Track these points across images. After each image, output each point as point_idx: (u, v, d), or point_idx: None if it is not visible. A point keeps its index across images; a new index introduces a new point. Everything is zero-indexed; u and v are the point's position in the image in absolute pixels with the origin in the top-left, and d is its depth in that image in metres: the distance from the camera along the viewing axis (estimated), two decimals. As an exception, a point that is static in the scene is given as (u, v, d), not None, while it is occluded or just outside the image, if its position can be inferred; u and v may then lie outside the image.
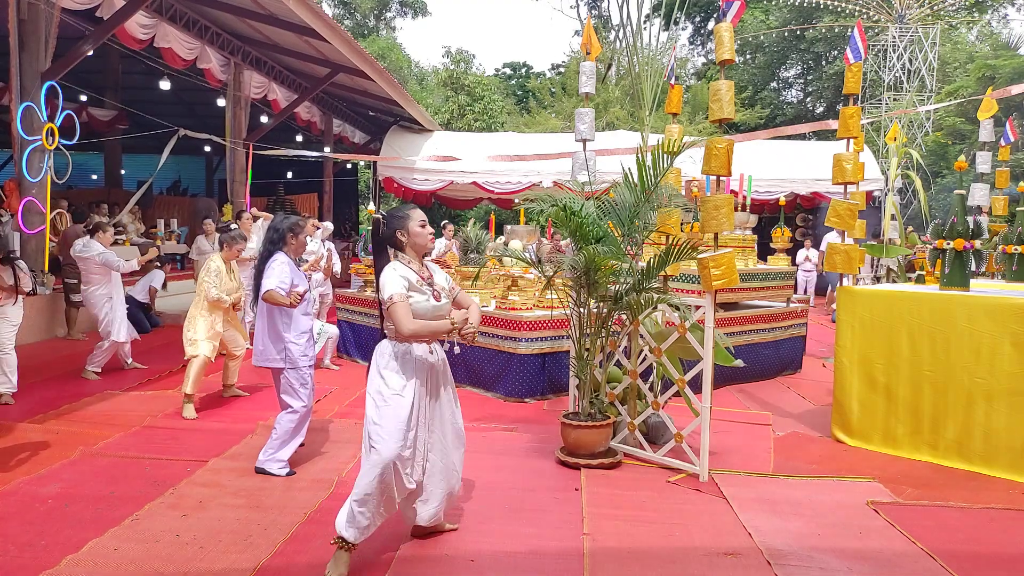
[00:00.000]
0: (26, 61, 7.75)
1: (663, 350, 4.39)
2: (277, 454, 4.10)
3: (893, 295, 4.91)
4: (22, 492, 3.72)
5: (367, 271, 7.75)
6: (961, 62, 21.05)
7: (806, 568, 3.12)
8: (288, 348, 4.16)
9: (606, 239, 4.32)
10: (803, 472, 4.43)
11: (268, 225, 4.43)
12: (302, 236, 4.42)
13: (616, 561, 3.15)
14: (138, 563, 2.98)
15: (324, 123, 16.10)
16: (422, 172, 13.97)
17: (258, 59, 12.61)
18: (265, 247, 4.32)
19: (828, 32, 21.08)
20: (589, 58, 5.96)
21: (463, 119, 21.46)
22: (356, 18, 29.19)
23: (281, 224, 4.34)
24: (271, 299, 4.12)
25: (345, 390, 6.29)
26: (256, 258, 4.44)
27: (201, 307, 5.42)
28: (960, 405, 4.54)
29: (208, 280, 5.38)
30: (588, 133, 5.95)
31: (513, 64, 32.46)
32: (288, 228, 4.31)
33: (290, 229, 4.32)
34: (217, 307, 5.42)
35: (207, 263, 5.52)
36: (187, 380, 5.26)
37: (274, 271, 4.16)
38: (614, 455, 4.47)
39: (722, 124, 4.45)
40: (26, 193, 7.58)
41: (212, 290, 5.34)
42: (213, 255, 5.59)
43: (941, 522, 3.67)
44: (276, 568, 2.99)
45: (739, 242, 7.16)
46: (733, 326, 6.72)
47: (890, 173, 7.90)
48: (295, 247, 4.35)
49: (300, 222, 4.42)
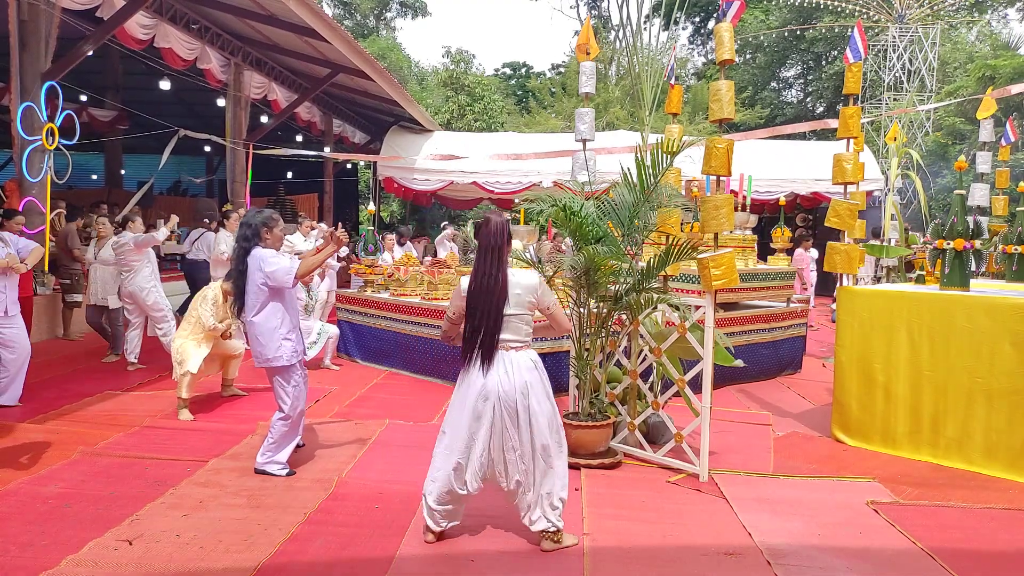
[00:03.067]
0: (26, 61, 7.75)
1: (663, 350, 4.39)
2: (275, 456, 4.09)
3: (893, 295, 4.91)
4: (22, 492, 3.72)
5: (367, 271, 7.75)
6: (961, 62, 21.04)
7: (806, 568, 3.12)
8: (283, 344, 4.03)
9: (606, 239, 4.32)
10: (803, 472, 4.43)
11: (240, 221, 4.13)
12: (277, 230, 4.10)
13: (616, 561, 3.15)
14: (138, 563, 2.98)
15: (324, 123, 16.10)
16: (422, 172, 13.97)
17: (258, 59, 12.61)
18: (239, 244, 4.03)
19: (828, 32, 21.08)
20: (588, 58, 5.96)
21: (463, 119, 21.45)
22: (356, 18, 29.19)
23: (254, 219, 4.03)
24: (306, 269, 3.89)
25: (345, 390, 6.29)
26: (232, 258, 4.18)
27: (192, 332, 5.37)
28: (960, 405, 4.54)
29: (205, 309, 5.35)
30: (588, 133, 5.95)
31: (513, 64, 32.46)
32: (262, 222, 4.02)
33: (264, 223, 4.02)
34: (211, 335, 5.42)
35: (204, 292, 5.50)
36: (180, 387, 5.26)
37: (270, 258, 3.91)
38: (614, 455, 4.47)
39: (722, 124, 4.45)
40: (26, 193, 7.58)
41: (209, 319, 5.33)
42: (212, 284, 5.59)
43: (941, 522, 3.67)
44: (276, 568, 3.00)
45: (739, 242, 7.16)
46: (733, 326, 6.72)
47: (890, 173, 7.91)
48: (271, 242, 4.05)
49: (274, 215, 4.12)
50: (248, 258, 4.00)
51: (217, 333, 5.40)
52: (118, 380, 6.34)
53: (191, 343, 5.34)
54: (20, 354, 5.29)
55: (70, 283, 8.14)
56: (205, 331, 5.36)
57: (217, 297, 5.47)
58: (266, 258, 3.96)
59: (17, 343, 5.27)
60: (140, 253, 6.76)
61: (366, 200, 24.16)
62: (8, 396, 5.29)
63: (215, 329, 5.35)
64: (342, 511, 3.61)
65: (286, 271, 3.94)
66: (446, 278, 7.09)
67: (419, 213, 21.02)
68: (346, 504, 3.70)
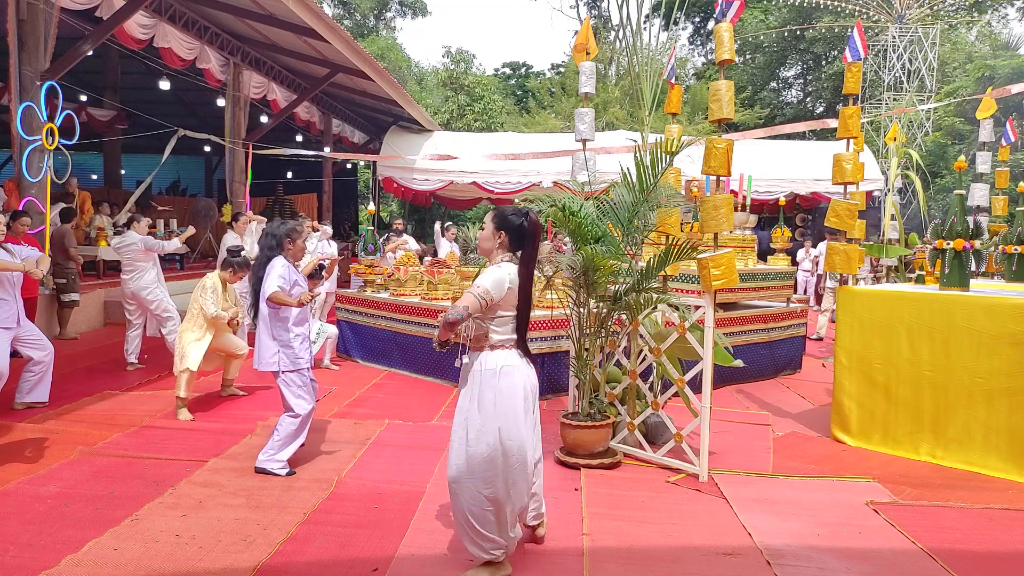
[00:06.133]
0: (26, 61, 7.75)
1: (662, 350, 4.39)
2: (277, 455, 4.10)
3: (893, 295, 4.91)
4: (22, 492, 3.72)
5: (367, 271, 7.75)
6: (960, 62, 21.05)
7: (805, 568, 3.12)
8: (284, 351, 4.13)
9: (605, 239, 4.32)
10: (802, 472, 4.43)
11: (264, 231, 4.33)
12: (300, 241, 4.31)
13: (616, 561, 3.15)
14: (138, 563, 2.98)
15: (323, 123, 16.10)
16: (422, 172, 13.97)
17: (257, 59, 12.61)
18: (263, 253, 4.23)
19: (828, 32, 21.08)
20: (588, 59, 5.96)
21: (463, 119, 21.45)
22: (356, 18, 29.15)
23: (278, 230, 4.24)
24: (277, 300, 4.05)
25: (345, 390, 6.29)
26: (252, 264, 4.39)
27: (194, 323, 5.36)
28: (959, 405, 4.54)
29: (206, 298, 5.34)
30: (588, 133, 5.95)
31: (513, 64, 32.44)
32: (285, 234, 4.22)
33: (287, 235, 4.22)
34: (213, 324, 5.40)
35: (203, 282, 5.48)
36: (178, 386, 5.25)
37: (273, 272, 4.11)
38: (614, 455, 4.47)
39: (721, 124, 4.45)
40: (26, 193, 7.58)
41: (211, 307, 5.31)
42: (209, 273, 5.59)
43: (940, 522, 3.67)
44: (276, 568, 2.99)
45: (739, 242, 7.16)
46: (733, 326, 6.72)
47: (890, 173, 7.91)
48: (293, 252, 4.26)
49: (297, 227, 4.29)
50: (268, 267, 4.16)
51: (223, 321, 5.38)
52: (117, 380, 6.34)
53: (191, 335, 5.33)
54: (48, 351, 5.31)
55: (66, 283, 8.13)
56: (207, 320, 5.34)
57: (216, 285, 5.44)
58: (270, 272, 4.13)
59: (41, 341, 5.29)
60: (147, 256, 6.76)
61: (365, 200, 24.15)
62: (38, 393, 5.30)
63: (219, 317, 5.34)
64: (341, 511, 3.60)
65: (264, 290, 4.10)
66: (446, 278, 7.08)
67: (419, 213, 21.02)
68: (345, 504, 3.70)
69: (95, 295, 9.21)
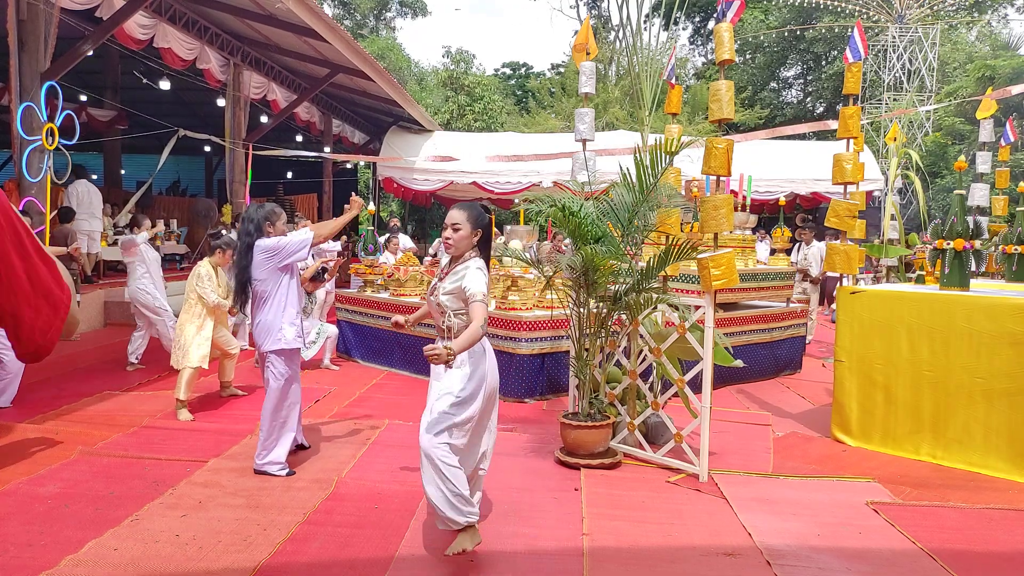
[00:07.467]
0: (26, 61, 7.75)
1: (662, 350, 4.38)
2: (271, 455, 4.07)
3: (893, 295, 4.91)
4: (22, 492, 3.72)
5: (367, 271, 7.75)
6: (961, 62, 21.06)
7: (805, 568, 3.12)
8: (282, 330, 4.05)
9: (605, 239, 4.32)
10: (803, 472, 4.43)
11: (242, 216, 4.16)
12: (280, 224, 4.10)
13: (616, 561, 3.15)
14: (138, 563, 2.98)
15: (324, 123, 16.10)
16: (422, 172, 13.98)
17: (258, 59, 12.61)
18: (241, 239, 4.04)
19: (828, 32, 21.10)
20: (587, 59, 5.96)
21: (463, 119, 21.46)
22: (356, 18, 29.16)
23: (255, 213, 4.04)
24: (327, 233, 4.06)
25: (345, 390, 6.29)
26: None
27: (193, 313, 5.35)
28: (959, 405, 4.54)
29: (202, 286, 5.33)
30: (588, 133, 5.95)
31: (513, 64, 32.45)
32: (263, 217, 4.03)
33: (266, 218, 4.04)
34: (213, 312, 5.39)
35: (196, 269, 5.47)
36: (179, 387, 5.24)
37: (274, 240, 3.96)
38: (614, 455, 4.47)
39: (721, 124, 4.45)
40: (26, 193, 7.58)
41: (212, 295, 5.31)
42: (200, 262, 5.59)
43: (940, 522, 3.67)
44: (276, 568, 2.99)
45: (739, 242, 7.16)
46: (733, 326, 6.72)
47: (890, 173, 7.91)
48: (274, 236, 4.07)
49: (276, 209, 4.12)
50: (251, 252, 4.04)
51: (224, 309, 5.37)
52: (117, 380, 6.34)
53: (191, 327, 5.32)
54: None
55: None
56: (207, 309, 5.33)
57: (210, 272, 5.43)
58: (273, 241, 4.01)
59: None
60: (131, 255, 6.69)
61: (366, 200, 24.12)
62: (5, 397, 5.29)
63: (219, 305, 5.32)
64: (341, 511, 3.60)
65: (300, 242, 3.98)
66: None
67: (419, 213, 21.02)
68: (345, 504, 3.70)
69: (95, 295, 9.21)
